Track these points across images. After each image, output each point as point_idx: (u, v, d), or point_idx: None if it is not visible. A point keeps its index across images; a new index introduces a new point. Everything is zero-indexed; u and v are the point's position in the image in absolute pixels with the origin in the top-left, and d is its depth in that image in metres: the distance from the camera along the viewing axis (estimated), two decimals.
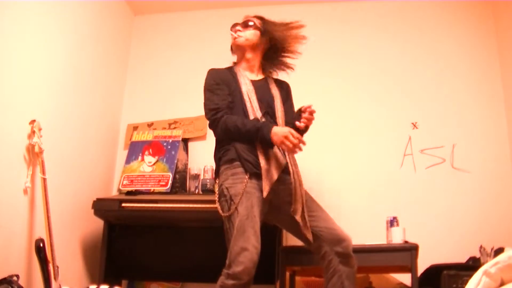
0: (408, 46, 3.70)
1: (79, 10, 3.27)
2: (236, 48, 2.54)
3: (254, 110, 2.31)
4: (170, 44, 4.02)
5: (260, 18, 2.55)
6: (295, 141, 2.16)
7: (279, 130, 2.20)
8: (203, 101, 2.40)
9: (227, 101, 2.32)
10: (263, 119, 2.30)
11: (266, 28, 2.50)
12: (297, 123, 2.26)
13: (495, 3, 3.63)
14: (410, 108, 3.56)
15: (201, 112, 3.62)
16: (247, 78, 2.42)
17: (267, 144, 2.22)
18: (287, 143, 2.15)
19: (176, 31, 4.04)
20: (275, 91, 2.46)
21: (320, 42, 3.81)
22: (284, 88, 2.56)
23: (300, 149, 2.19)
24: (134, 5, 4.04)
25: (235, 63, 2.56)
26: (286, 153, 2.29)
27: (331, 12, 3.88)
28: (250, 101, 2.33)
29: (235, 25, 2.54)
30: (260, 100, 2.36)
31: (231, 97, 2.34)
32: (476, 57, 3.60)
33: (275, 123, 2.32)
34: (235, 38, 2.50)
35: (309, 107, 2.27)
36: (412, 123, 3.53)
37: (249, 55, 2.50)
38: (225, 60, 2.60)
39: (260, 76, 2.52)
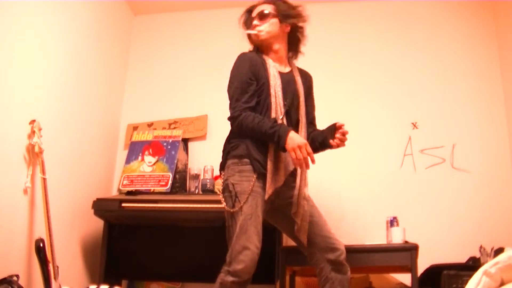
0: (408, 46, 3.70)
1: (79, 10, 3.27)
2: (261, 44, 2.39)
3: (277, 106, 2.24)
4: (170, 44, 4.02)
5: (271, 2, 2.39)
6: (305, 154, 2.09)
7: (297, 137, 2.13)
8: (228, 84, 2.30)
9: (252, 101, 2.23)
10: (284, 118, 2.24)
11: (282, 11, 2.36)
12: (331, 141, 2.24)
13: (495, 3, 3.63)
14: (410, 108, 3.56)
15: (201, 112, 3.73)
16: (276, 70, 2.32)
17: (280, 147, 2.14)
18: (298, 152, 2.08)
19: (176, 31, 4.04)
20: (300, 87, 2.38)
21: (320, 42, 3.81)
22: (308, 81, 2.49)
23: (307, 165, 2.12)
24: (134, 5, 4.04)
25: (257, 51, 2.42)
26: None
27: (332, 12, 3.88)
28: (276, 97, 2.25)
29: (250, 19, 2.41)
30: (285, 96, 2.28)
31: (258, 92, 2.25)
32: (476, 57, 3.60)
33: (296, 124, 2.29)
34: (257, 35, 2.36)
35: (342, 126, 2.23)
36: (412, 123, 3.52)
37: (276, 46, 2.38)
38: (226, 60, 2.57)
39: (288, 68, 2.43)
